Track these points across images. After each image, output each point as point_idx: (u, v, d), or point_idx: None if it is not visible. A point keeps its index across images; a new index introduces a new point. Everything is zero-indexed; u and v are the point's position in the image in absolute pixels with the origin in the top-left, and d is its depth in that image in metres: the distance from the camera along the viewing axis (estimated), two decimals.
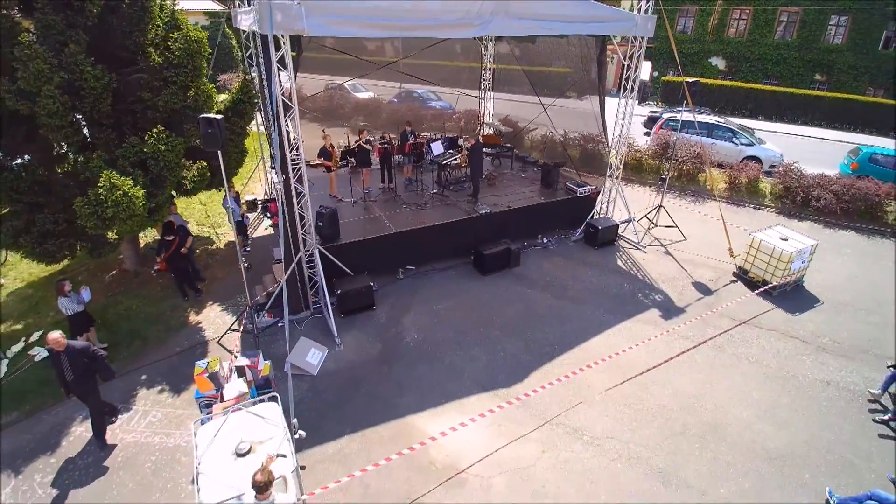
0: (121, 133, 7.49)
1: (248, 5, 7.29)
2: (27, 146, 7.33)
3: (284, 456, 4.50)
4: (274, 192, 11.62)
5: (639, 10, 9.28)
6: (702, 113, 16.98)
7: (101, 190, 6.40)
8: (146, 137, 7.09)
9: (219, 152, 6.45)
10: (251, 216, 11.72)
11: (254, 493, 3.91)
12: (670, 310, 8.60)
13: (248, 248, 10.58)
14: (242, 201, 11.15)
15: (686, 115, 12.51)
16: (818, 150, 18.50)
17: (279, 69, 6.45)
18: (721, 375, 7.14)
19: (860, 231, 11.91)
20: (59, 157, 7.66)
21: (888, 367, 6.77)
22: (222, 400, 5.43)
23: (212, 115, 5.98)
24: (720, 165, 14.17)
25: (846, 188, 12.10)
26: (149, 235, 10.91)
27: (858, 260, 10.59)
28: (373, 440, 5.95)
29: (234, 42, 29.05)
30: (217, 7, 30.63)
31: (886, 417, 6.49)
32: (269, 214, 11.71)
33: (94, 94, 6.82)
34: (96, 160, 6.84)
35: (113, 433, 6.14)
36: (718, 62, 30.49)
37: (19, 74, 6.29)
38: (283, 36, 6.31)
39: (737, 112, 25.68)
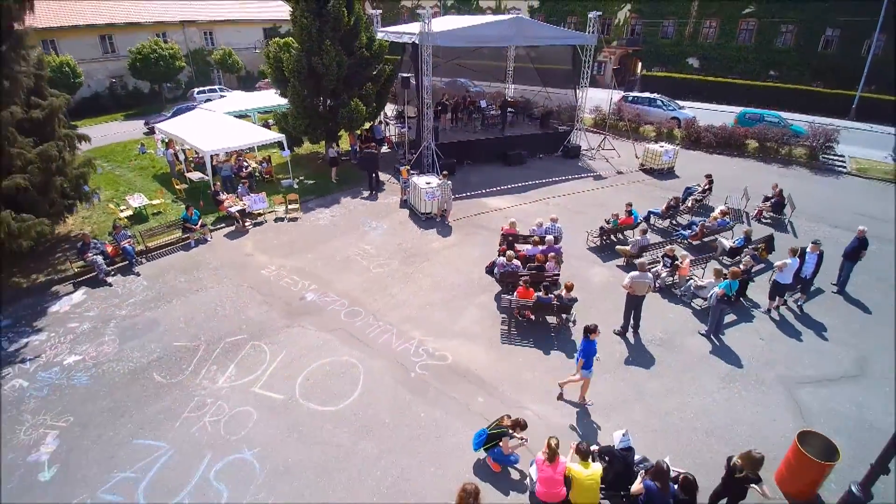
0: (345, 87, 17.50)
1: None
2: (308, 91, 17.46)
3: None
4: (387, 133, 21.75)
5: (589, 32, 18.99)
6: (645, 93, 26.70)
7: (353, 105, 16.42)
8: (365, 87, 17.10)
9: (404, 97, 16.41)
10: None
11: (440, 178, 13.80)
12: (599, 177, 18.40)
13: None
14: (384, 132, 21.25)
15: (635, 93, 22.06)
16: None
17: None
18: (614, 193, 16.83)
19: (728, 155, 21.41)
20: (315, 90, 17.70)
21: (686, 188, 16.23)
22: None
23: (408, 75, 15.99)
24: (651, 122, 23.75)
25: (721, 131, 21.56)
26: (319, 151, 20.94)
27: (718, 166, 19.98)
28: (462, 199, 15.78)
29: None
30: None
31: (673, 202, 15.92)
32: (384, 144, 21.70)
33: (342, 67, 16.80)
34: (344, 96, 16.88)
35: (363, 198, 16.07)
36: (693, 61, 39.84)
37: (323, 55, 16.26)
38: (429, 45, 16.18)
39: (695, 98, 34.46)
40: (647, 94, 25.96)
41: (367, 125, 19.93)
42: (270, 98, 22.58)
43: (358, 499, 6.51)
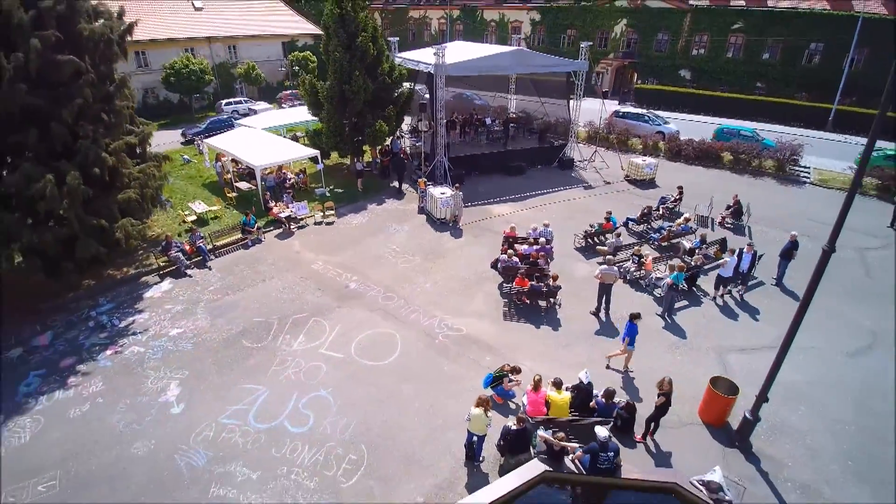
0: (370, 109, 20.54)
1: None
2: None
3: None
4: (403, 145, 24.80)
5: (581, 59, 21.97)
6: (630, 104, 29.66)
7: (377, 126, 19.48)
8: (387, 109, 20.15)
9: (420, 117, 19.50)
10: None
11: (452, 189, 16.84)
12: (590, 187, 21.38)
13: None
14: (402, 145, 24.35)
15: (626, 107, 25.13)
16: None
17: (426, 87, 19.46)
18: (601, 201, 19.78)
19: (706, 167, 24.35)
20: (343, 112, 20.76)
21: (661, 197, 19.20)
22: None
23: (424, 97, 19.02)
24: (638, 136, 26.72)
25: (700, 144, 24.51)
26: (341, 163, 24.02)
27: (695, 178, 22.94)
28: (470, 207, 18.79)
29: None
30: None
31: (646, 210, 18.91)
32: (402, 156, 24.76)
33: (367, 92, 19.83)
34: (369, 117, 19.93)
35: (386, 205, 19.11)
36: (686, 74, 42.73)
37: (352, 83, 19.30)
38: (442, 75, 19.21)
39: (686, 110, 37.38)
40: (635, 110, 28.96)
41: (387, 140, 22.98)
42: (297, 115, 25.69)
43: (404, 419, 9.55)
